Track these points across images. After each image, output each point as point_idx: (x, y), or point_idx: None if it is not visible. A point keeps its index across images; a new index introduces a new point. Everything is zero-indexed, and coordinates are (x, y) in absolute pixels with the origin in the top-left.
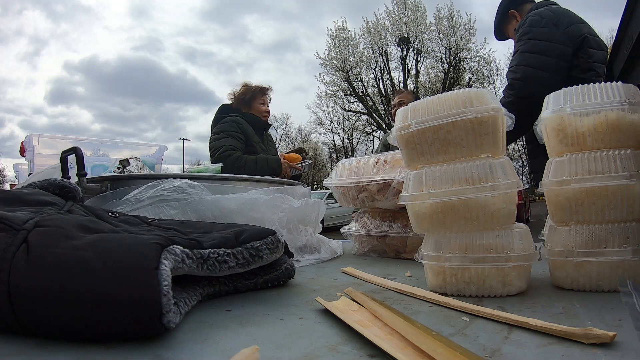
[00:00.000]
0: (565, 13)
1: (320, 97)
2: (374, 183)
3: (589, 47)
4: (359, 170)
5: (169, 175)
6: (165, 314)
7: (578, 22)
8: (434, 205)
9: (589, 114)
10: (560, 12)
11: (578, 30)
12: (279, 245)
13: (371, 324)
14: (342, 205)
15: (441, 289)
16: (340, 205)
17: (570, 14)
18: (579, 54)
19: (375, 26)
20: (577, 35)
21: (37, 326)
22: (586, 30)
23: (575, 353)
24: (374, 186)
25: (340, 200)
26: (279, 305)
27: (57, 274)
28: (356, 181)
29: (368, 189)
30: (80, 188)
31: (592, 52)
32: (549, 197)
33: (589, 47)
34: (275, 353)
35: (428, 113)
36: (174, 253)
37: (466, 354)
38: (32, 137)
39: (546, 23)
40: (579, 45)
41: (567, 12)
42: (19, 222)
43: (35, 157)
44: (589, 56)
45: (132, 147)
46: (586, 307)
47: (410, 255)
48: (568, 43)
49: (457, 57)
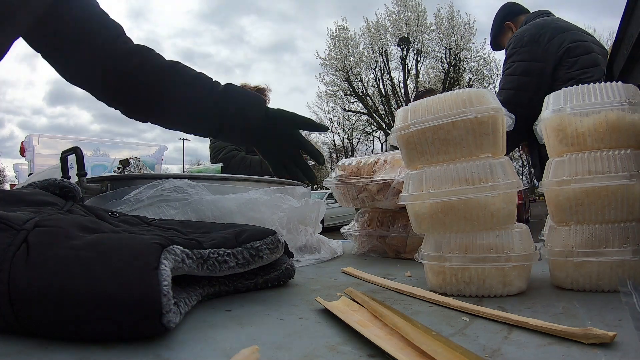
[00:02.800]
0: (549, 25)
1: (320, 97)
2: (373, 183)
3: (570, 57)
4: (359, 170)
5: (169, 175)
6: (165, 314)
7: (561, 32)
8: (434, 205)
9: (589, 114)
10: (544, 25)
11: (559, 43)
12: (279, 245)
13: (371, 324)
14: (342, 205)
15: (441, 289)
16: (340, 205)
17: (554, 25)
18: (559, 66)
19: (375, 26)
20: (557, 49)
21: (37, 326)
22: (569, 40)
23: (575, 353)
24: (374, 186)
25: (341, 200)
26: (279, 305)
27: (57, 274)
28: (356, 181)
29: (368, 189)
30: (80, 188)
31: (574, 60)
32: (549, 197)
33: (569, 57)
34: (275, 353)
35: (428, 113)
36: (174, 253)
37: (466, 354)
38: (32, 137)
39: (527, 42)
40: (560, 59)
41: (550, 24)
42: (19, 222)
43: (35, 157)
44: (569, 66)
45: (132, 147)
46: (586, 307)
47: (410, 255)
48: (548, 60)
49: (457, 57)
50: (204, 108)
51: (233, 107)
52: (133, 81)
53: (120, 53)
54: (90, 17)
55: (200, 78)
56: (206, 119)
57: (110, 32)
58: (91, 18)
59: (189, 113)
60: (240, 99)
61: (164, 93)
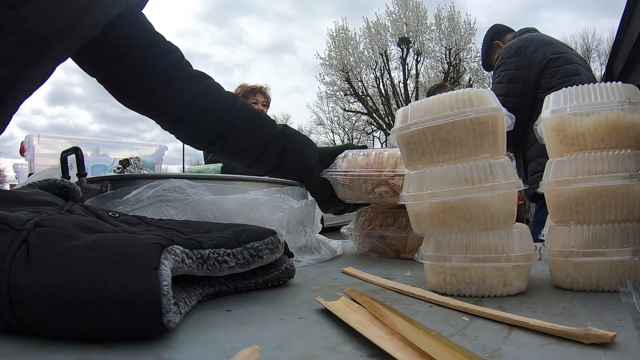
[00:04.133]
0: (534, 39)
1: (320, 97)
2: (399, 176)
3: (553, 67)
4: (376, 163)
5: (169, 175)
6: (165, 314)
7: (544, 45)
8: (434, 205)
9: (589, 114)
10: (529, 39)
11: (542, 55)
12: (279, 245)
13: (371, 324)
14: (343, 198)
15: (441, 289)
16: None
17: (539, 39)
18: (542, 75)
19: (375, 26)
20: (541, 60)
21: (37, 326)
22: (552, 52)
23: (575, 353)
24: (400, 180)
25: (345, 192)
26: (279, 305)
27: (57, 274)
28: (376, 174)
29: (390, 184)
30: (80, 188)
31: (556, 70)
32: (549, 197)
33: (552, 67)
34: (275, 353)
35: (428, 113)
36: (174, 253)
37: (466, 354)
38: (32, 137)
39: (514, 53)
40: (544, 68)
41: (536, 38)
42: (19, 222)
43: (35, 157)
44: (551, 76)
45: (132, 147)
46: (586, 307)
47: (410, 255)
48: (532, 68)
49: (458, 57)
50: (265, 144)
51: (291, 146)
52: (196, 111)
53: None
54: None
55: (260, 114)
56: (265, 155)
57: (171, 57)
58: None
59: (251, 147)
60: (298, 139)
61: (228, 126)
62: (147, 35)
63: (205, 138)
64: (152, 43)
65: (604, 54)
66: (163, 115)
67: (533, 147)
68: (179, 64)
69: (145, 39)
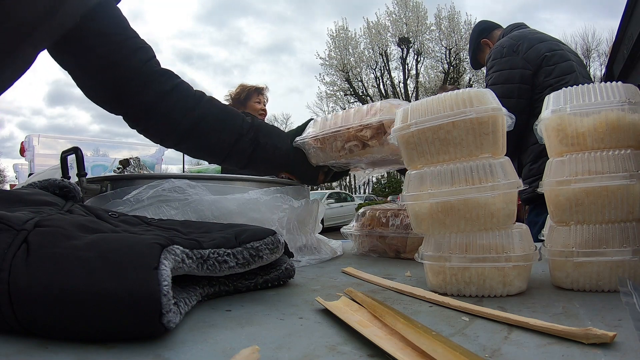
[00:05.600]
0: (526, 37)
1: (320, 97)
2: (367, 128)
3: (548, 65)
4: (344, 120)
5: (169, 175)
6: (165, 314)
7: (538, 42)
8: (434, 205)
9: (589, 114)
10: (520, 36)
11: (536, 52)
12: (279, 245)
13: (371, 324)
14: (317, 162)
15: (441, 289)
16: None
17: (530, 36)
18: (538, 73)
19: (375, 26)
20: (536, 57)
21: (37, 326)
22: (545, 49)
23: (575, 353)
24: (368, 131)
25: (317, 156)
26: (279, 305)
27: (57, 274)
28: (346, 127)
29: (359, 136)
30: (80, 188)
31: (552, 68)
32: (549, 197)
33: (547, 65)
34: (275, 353)
35: (428, 113)
36: (174, 253)
37: (466, 354)
38: (32, 137)
39: (507, 52)
40: (539, 66)
41: (527, 36)
42: (19, 222)
43: (35, 157)
44: (547, 74)
45: (132, 147)
46: (586, 307)
47: (410, 255)
48: (528, 66)
49: (458, 57)
50: (237, 136)
51: (263, 136)
52: (166, 105)
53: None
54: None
55: (229, 108)
56: (238, 149)
57: (144, 53)
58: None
59: (222, 142)
60: (268, 128)
61: (198, 120)
62: (121, 30)
63: (175, 134)
64: (125, 38)
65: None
66: (132, 110)
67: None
68: (150, 61)
69: (119, 34)
